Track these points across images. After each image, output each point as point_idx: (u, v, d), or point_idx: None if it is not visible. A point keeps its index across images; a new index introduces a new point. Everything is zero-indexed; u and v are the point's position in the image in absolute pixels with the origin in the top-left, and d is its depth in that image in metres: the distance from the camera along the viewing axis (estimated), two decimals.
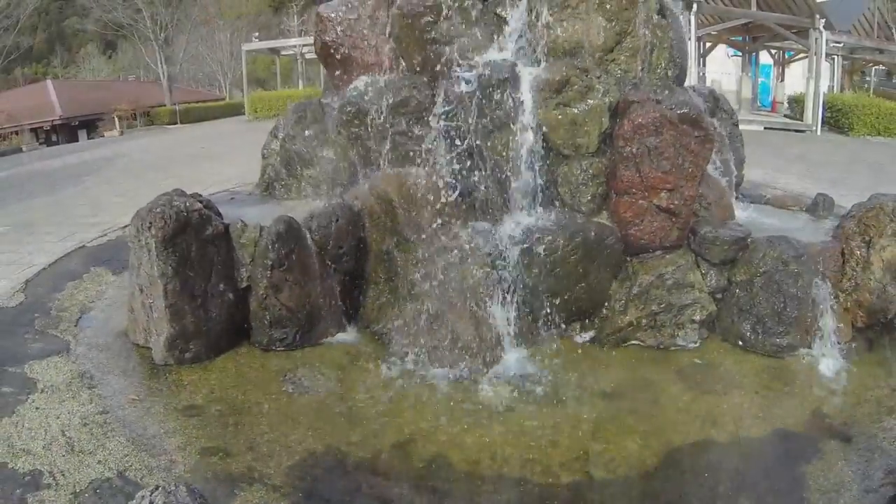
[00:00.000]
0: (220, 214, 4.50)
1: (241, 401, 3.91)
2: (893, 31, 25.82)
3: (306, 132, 5.42)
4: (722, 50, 29.23)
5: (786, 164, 12.39)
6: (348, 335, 4.66)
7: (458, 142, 4.50)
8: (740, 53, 28.08)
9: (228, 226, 4.35)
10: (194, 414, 3.76)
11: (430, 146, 4.64)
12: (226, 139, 19.57)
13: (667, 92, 4.47)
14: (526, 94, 4.42)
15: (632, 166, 4.29)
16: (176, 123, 31.71)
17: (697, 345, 4.48)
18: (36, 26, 51.08)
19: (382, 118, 4.82)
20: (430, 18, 4.81)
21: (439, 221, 4.42)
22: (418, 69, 4.98)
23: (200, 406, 3.84)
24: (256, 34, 55.76)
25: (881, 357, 4.52)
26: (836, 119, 21.80)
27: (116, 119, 29.94)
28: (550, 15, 4.63)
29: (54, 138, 34.01)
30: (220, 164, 12.75)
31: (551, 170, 4.53)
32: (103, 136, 30.00)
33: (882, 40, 26.37)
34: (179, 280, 3.98)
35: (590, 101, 4.38)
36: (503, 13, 4.80)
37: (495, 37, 4.80)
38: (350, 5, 5.42)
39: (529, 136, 4.43)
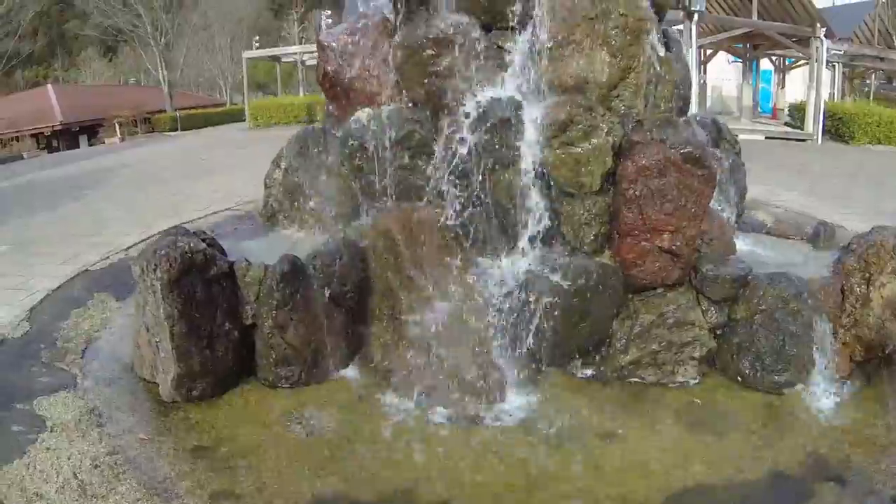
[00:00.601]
0: (223, 251, 4.54)
1: (249, 441, 3.96)
2: (894, 37, 25.87)
3: (308, 163, 5.47)
4: (722, 56, 29.37)
5: (788, 178, 12.36)
6: (352, 372, 4.70)
7: (461, 179, 4.56)
8: (740, 60, 28.19)
9: (233, 264, 4.40)
10: (204, 455, 3.81)
11: (433, 182, 4.70)
12: (226, 150, 19.61)
13: (671, 130, 4.53)
14: (530, 133, 4.46)
15: (635, 208, 4.34)
16: (177, 130, 31.82)
17: (697, 381, 4.53)
18: (37, 30, 51.14)
19: (385, 152, 4.87)
20: (432, 52, 4.84)
21: (441, 256, 4.49)
22: (420, 102, 5.03)
23: (209, 447, 3.89)
24: (257, 38, 55.97)
25: (878, 392, 4.55)
26: (837, 128, 21.84)
27: (117, 126, 30.06)
28: (554, 50, 4.67)
29: (55, 143, 34.07)
30: (221, 177, 12.74)
31: (554, 208, 4.58)
32: (104, 142, 30.11)
33: (883, 48, 26.45)
34: (185, 322, 4.03)
35: (594, 141, 4.43)
36: (506, 46, 4.86)
37: (498, 71, 4.84)
38: (352, 34, 5.47)
39: (533, 174, 4.47)
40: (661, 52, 4.87)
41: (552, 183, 4.51)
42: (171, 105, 36.43)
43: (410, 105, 5.06)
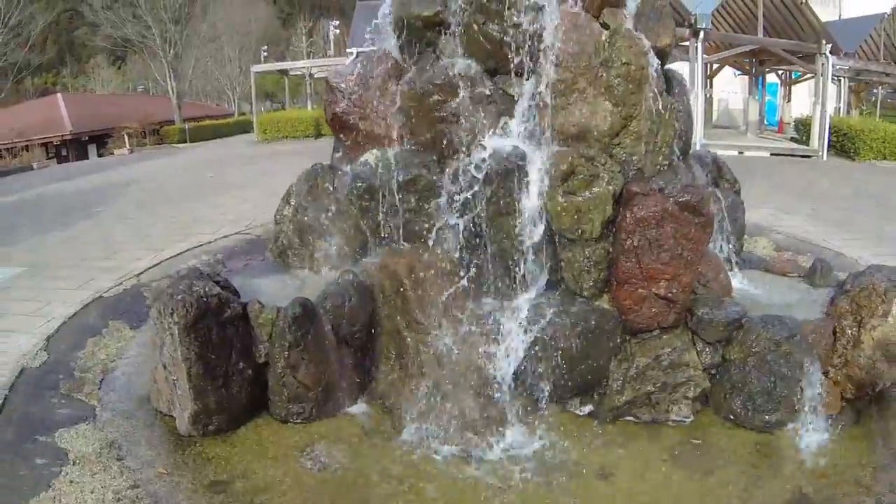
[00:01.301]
0: (236, 293, 4.75)
1: (264, 476, 4.17)
2: None
3: (318, 202, 5.69)
4: (729, 68, 29.51)
5: (792, 200, 12.50)
6: (361, 408, 4.91)
7: (466, 224, 4.77)
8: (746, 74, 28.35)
9: (246, 306, 4.61)
10: (220, 490, 4.03)
11: (439, 225, 4.92)
12: (235, 166, 19.80)
13: (670, 176, 4.75)
14: (533, 182, 4.67)
15: (632, 258, 4.54)
16: (185, 142, 32.11)
17: (691, 419, 4.71)
18: (46, 37, 51.70)
19: (393, 195, 5.08)
20: (438, 97, 5.06)
21: (446, 299, 4.69)
22: (427, 145, 5.24)
23: (226, 482, 4.10)
24: (265, 48, 56.47)
25: (866, 430, 4.71)
26: (843, 143, 21.94)
27: (126, 137, 30.33)
28: (557, 97, 4.87)
29: (64, 152, 34.34)
30: (230, 198, 12.93)
31: (556, 254, 4.77)
32: (113, 153, 30.38)
33: (888, 63, 26.57)
34: (202, 363, 4.24)
35: (595, 190, 4.62)
36: (511, 91, 5.06)
37: (503, 116, 5.04)
38: (360, 76, 5.66)
39: (535, 221, 4.67)
40: (663, 98, 5.04)
41: (554, 229, 4.71)
42: (179, 115, 36.74)
43: (417, 148, 5.27)
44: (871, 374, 4.67)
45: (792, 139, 25.17)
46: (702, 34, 19.90)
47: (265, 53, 58.82)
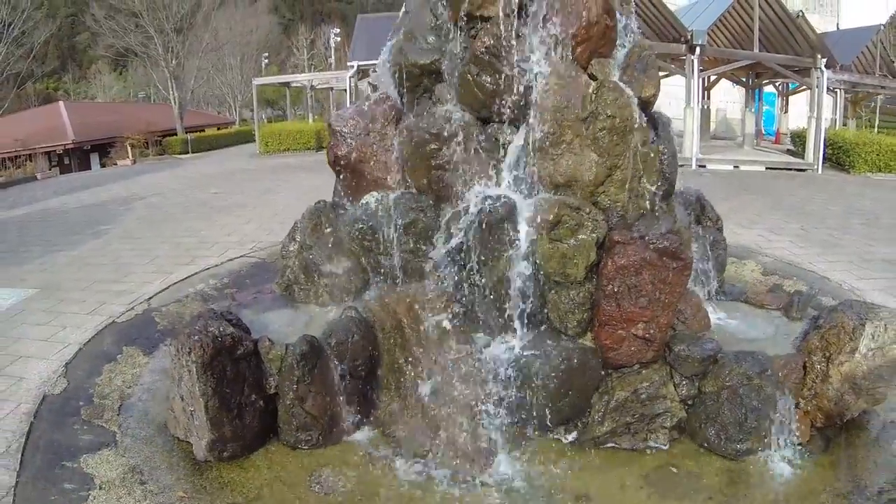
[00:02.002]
0: (248, 330, 5.15)
1: (276, 500, 4.56)
2: (895, 63, 26.41)
3: (322, 241, 6.11)
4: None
5: (782, 220, 12.82)
6: (364, 435, 5.28)
7: (460, 266, 5.18)
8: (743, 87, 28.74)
9: (257, 342, 5.01)
10: None
11: (435, 263, 5.33)
12: (238, 182, 20.12)
13: (651, 222, 5.15)
14: (522, 229, 5.04)
15: (612, 302, 4.92)
16: (188, 153, 32.52)
17: (667, 447, 5.08)
18: (48, 42, 52.24)
19: (392, 236, 5.49)
20: (434, 146, 5.44)
21: (441, 336, 5.10)
22: (424, 190, 5.63)
23: None
24: (266, 55, 56.92)
25: (835, 458, 5.02)
26: (838, 156, 22.33)
27: (129, 147, 30.74)
28: (545, 148, 5.24)
29: (66, 161, 34.71)
30: (235, 217, 13.27)
31: (543, 295, 5.16)
32: (116, 164, 30.78)
33: (883, 75, 26.98)
34: (218, 397, 4.64)
35: (579, 237, 4.99)
36: (503, 140, 5.45)
37: (495, 164, 5.42)
38: (360, 120, 6.05)
39: (524, 265, 5.04)
40: (647, 146, 5.42)
41: (541, 273, 5.10)
42: (181, 125, 37.15)
43: (415, 192, 5.67)
44: (839, 405, 4.98)
45: (788, 151, 25.55)
46: (698, 50, 20.31)
47: (266, 61, 59.36)
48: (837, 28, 42.73)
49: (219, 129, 47.45)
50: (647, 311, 4.91)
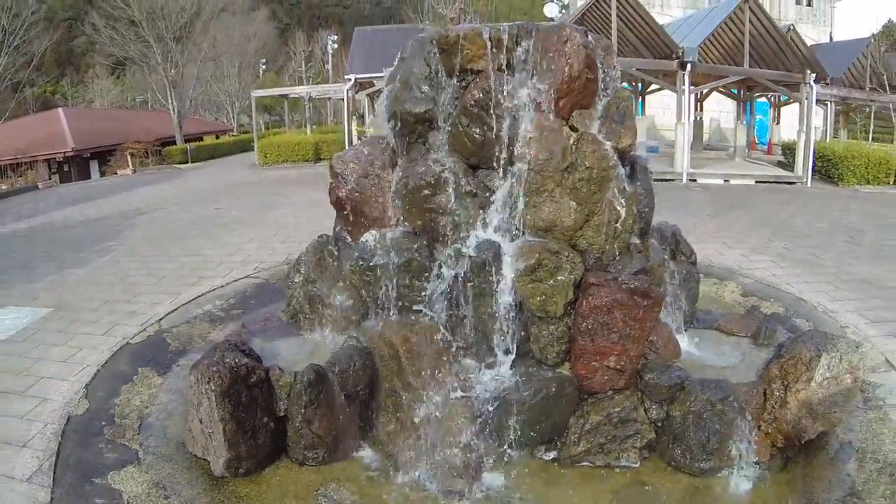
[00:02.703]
0: (259, 359, 5.74)
1: None
2: (885, 76, 27.04)
3: (325, 274, 6.71)
4: None
5: (766, 238, 13.19)
6: (365, 453, 5.88)
7: (451, 301, 5.76)
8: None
9: (269, 370, 5.60)
10: None
11: (429, 300, 5.92)
12: (239, 197, 20.54)
13: (625, 263, 5.76)
14: (507, 271, 5.62)
15: (587, 337, 5.52)
16: (187, 162, 33.04)
17: (638, 465, 5.66)
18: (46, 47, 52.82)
19: (389, 273, 6.07)
20: (428, 192, 6.01)
21: (434, 365, 5.70)
22: (419, 231, 6.19)
23: None
24: (264, 61, 57.50)
25: (792, 475, 5.56)
26: (827, 169, 22.89)
27: (129, 157, 31.26)
28: (529, 196, 5.81)
29: (66, 168, 35.15)
30: (237, 236, 13.72)
31: (526, 328, 5.74)
32: (116, 173, 31.27)
33: (874, 88, 27.61)
34: (235, 421, 5.21)
35: (559, 278, 5.57)
36: (491, 185, 6.01)
37: (484, 208, 5.98)
38: (359, 163, 6.62)
39: (509, 302, 5.62)
40: (622, 193, 5.96)
41: (525, 309, 5.69)
42: (180, 133, 37.69)
43: (410, 232, 6.25)
44: (796, 428, 5.49)
45: (780, 163, 26.14)
46: (689, 67, 20.90)
47: (264, 67, 59.95)
48: (831, 38, 43.50)
49: (217, 136, 48.08)
50: (618, 345, 5.51)
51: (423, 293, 5.97)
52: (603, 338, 5.51)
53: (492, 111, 5.77)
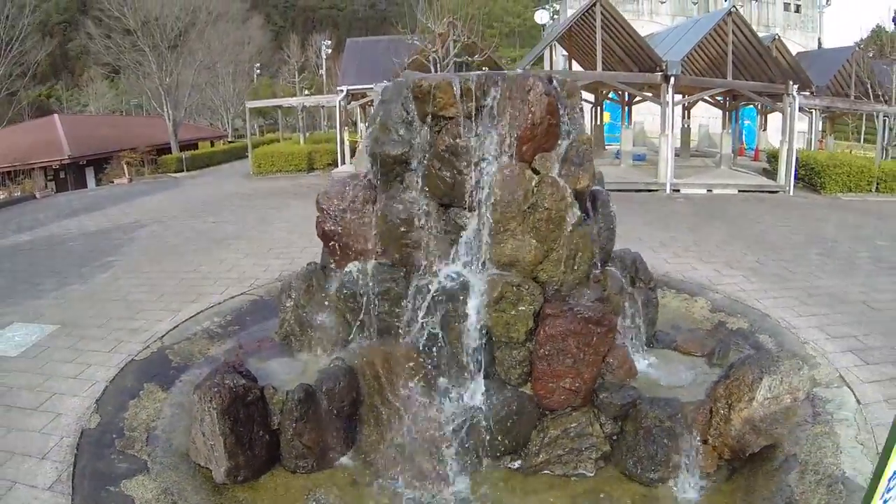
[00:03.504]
0: (255, 379, 6.49)
1: None
2: (868, 85, 27.79)
3: (313, 300, 7.49)
4: None
5: (741, 251, 13.59)
6: (349, 461, 6.61)
7: (426, 327, 6.51)
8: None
9: (263, 389, 6.34)
10: None
11: (406, 327, 6.68)
12: (233, 210, 21.14)
13: (582, 293, 6.50)
14: (474, 301, 6.35)
15: (545, 362, 6.27)
16: (183, 171, 33.70)
17: (594, 474, 6.37)
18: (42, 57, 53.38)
19: (370, 300, 6.83)
20: (404, 229, 6.76)
21: (411, 383, 6.46)
22: (396, 263, 6.93)
23: None
24: (258, 66, 58.18)
25: (736, 485, 6.14)
26: (810, 177, 23.57)
27: (125, 166, 31.92)
28: (494, 234, 6.52)
29: (62, 175, 35.64)
30: (233, 252, 14.31)
31: (492, 352, 6.47)
32: (112, 182, 31.91)
33: (856, 97, 28.36)
34: (234, 435, 5.95)
35: (520, 308, 6.30)
36: (461, 223, 6.73)
37: (454, 244, 6.68)
38: (342, 200, 7.30)
39: (476, 329, 6.34)
40: (580, 229, 6.61)
41: (490, 334, 6.43)
42: (175, 141, 38.34)
43: (389, 264, 6.98)
44: (740, 443, 5.98)
45: (764, 170, 26.84)
46: (672, 80, 21.66)
47: (258, 71, 60.63)
48: (819, 43, 44.31)
49: (212, 143, 48.89)
50: (572, 369, 6.27)
51: (401, 319, 6.72)
52: (559, 362, 6.26)
53: (461, 156, 6.49)
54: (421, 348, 6.56)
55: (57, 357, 8.78)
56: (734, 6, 23.96)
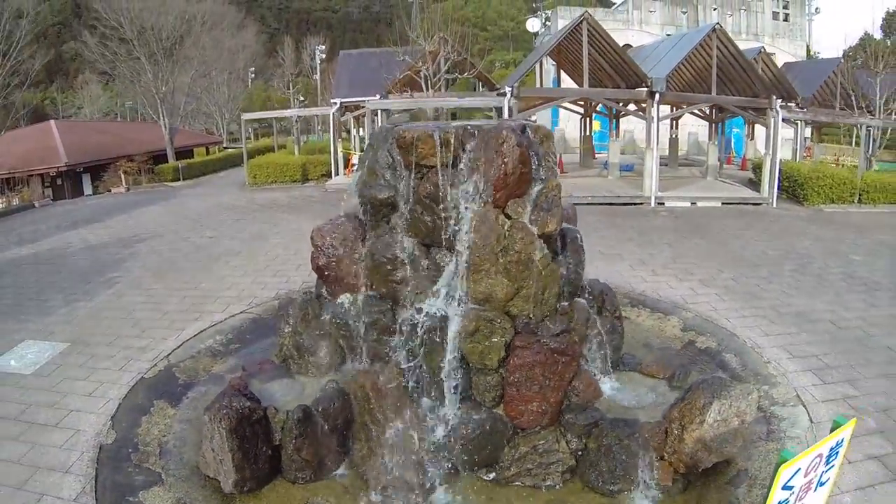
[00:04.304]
0: (258, 401, 7.36)
1: None
2: (853, 97, 28.62)
3: (310, 328, 8.38)
4: None
5: (717, 268, 14.44)
6: (343, 473, 7.46)
7: (410, 355, 7.40)
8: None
9: (266, 409, 7.22)
10: None
11: (392, 353, 7.57)
12: (230, 224, 21.87)
13: (550, 325, 7.38)
14: (452, 333, 7.20)
15: (514, 388, 7.14)
16: (179, 180, 34.44)
17: (561, 485, 7.19)
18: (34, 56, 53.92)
19: (360, 330, 7.73)
20: (390, 267, 7.66)
21: (399, 404, 7.34)
22: (384, 296, 7.82)
23: None
24: (252, 70, 58.93)
25: (689, 497, 6.71)
26: (793, 189, 24.29)
27: (122, 175, 32.67)
28: (470, 273, 7.23)
29: (59, 182, 36.08)
30: (231, 269, 15.19)
31: (468, 377, 7.33)
32: (110, 191, 32.65)
33: (840, 109, 29.22)
34: (241, 451, 6.79)
35: (493, 340, 7.14)
36: (442, 262, 7.57)
37: (435, 281, 7.52)
38: (335, 237, 8.20)
39: (454, 357, 7.19)
40: (548, 268, 7.42)
41: (467, 362, 7.30)
42: (171, 148, 39.08)
43: (377, 296, 7.87)
44: (693, 459, 6.65)
45: (750, 180, 27.64)
46: (657, 96, 22.53)
47: (252, 75, 61.42)
48: (808, 50, 45.26)
49: (207, 150, 49.69)
50: (539, 394, 7.15)
51: (389, 346, 7.61)
52: (527, 388, 7.15)
53: (441, 202, 7.34)
54: (406, 373, 7.44)
55: (70, 375, 9.43)
56: (718, 23, 24.75)
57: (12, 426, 8.07)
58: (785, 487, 3.88)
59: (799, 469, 3.92)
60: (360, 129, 33.64)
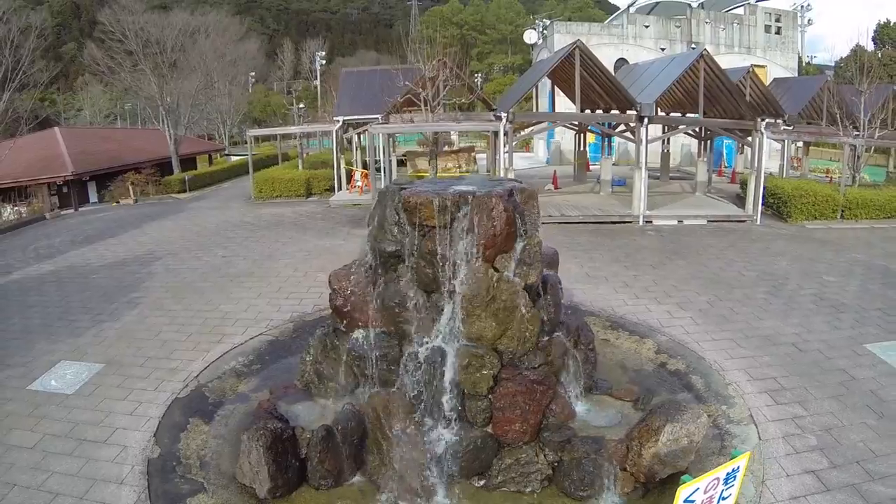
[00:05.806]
0: (287, 421, 9.00)
1: None
2: (837, 116, 29.95)
3: (328, 359, 10.02)
4: None
5: (695, 291, 15.40)
6: (359, 480, 9.02)
7: (415, 383, 9.01)
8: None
9: (294, 429, 8.84)
10: None
11: (400, 381, 9.19)
12: (240, 242, 22.94)
13: (530, 359, 8.99)
14: (449, 366, 8.83)
15: (500, 412, 8.77)
16: (185, 192, 35.80)
17: (539, 491, 8.71)
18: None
19: (372, 361, 9.35)
20: (397, 310, 9.26)
21: (405, 421, 8.98)
22: (392, 333, 9.42)
23: None
24: (252, 74, 60.33)
25: (647, 502, 8.00)
26: (778, 206, 25.44)
27: (130, 187, 34.03)
28: (464, 318, 8.78)
29: (65, 190, 36.86)
30: (246, 291, 16.40)
31: (463, 402, 8.93)
32: (118, 202, 33.94)
33: (824, 126, 30.56)
34: (275, 465, 8.36)
35: (483, 372, 8.74)
36: (441, 306, 9.16)
37: (435, 322, 9.10)
38: (350, 281, 9.84)
39: (451, 385, 8.80)
40: (530, 312, 8.97)
41: (462, 389, 8.92)
42: (177, 158, 40.38)
43: (386, 333, 9.48)
44: (651, 471, 7.93)
45: (738, 195, 28.89)
46: (646, 120, 24.05)
47: (252, 80, 62.84)
48: (799, 61, 46.74)
49: (210, 158, 51.17)
50: (521, 416, 8.79)
51: (396, 375, 9.24)
52: (511, 412, 8.80)
53: (439, 258, 8.88)
54: (411, 397, 9.04)
55: (110, 395, 10.47)
56: (706, 49, 26.22)
57: (65, 443, 9.08)
58: (686, 501, 5.50)
59: (698, 488, 5.55)
60: (361, 138, 35.00)
